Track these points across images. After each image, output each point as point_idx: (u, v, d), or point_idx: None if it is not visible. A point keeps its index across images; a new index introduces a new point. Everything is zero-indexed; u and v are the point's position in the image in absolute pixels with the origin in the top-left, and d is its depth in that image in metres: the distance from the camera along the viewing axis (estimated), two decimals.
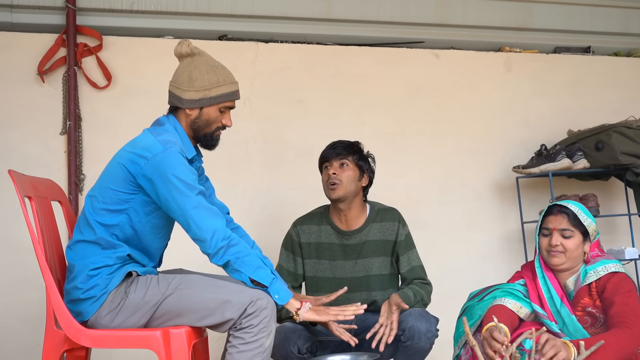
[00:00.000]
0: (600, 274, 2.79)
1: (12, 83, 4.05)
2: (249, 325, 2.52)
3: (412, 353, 3.13)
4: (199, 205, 2.53)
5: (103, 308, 2.56)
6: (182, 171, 2.54)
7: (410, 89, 4.72)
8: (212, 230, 2.51)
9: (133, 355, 4.00)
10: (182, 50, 2.74)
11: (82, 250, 2.60)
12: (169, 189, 2.52)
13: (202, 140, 2.79)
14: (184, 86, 2.70)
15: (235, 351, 2.53)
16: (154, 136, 2.62)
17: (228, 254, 2.51)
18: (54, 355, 2.61)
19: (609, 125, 4.54)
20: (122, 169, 2.59)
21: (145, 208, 2.62)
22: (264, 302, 2.54)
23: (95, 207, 2.61)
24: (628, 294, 2.72)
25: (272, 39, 4.54)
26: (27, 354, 3.82)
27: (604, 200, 4.90)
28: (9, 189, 2.76)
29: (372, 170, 3.45)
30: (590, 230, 2.86)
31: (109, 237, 2.60)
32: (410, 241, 3.43)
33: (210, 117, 2.73)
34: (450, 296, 3.71)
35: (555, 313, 2.85)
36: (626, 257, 4.46)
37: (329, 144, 3.44)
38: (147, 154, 2.56)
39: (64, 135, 4.06)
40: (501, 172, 4.81)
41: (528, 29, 5.02)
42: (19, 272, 3.90)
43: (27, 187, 2.67)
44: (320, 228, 3.43)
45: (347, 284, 3.31)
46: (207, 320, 2.56)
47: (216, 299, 2.54)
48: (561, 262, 2.85)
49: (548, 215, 2.91)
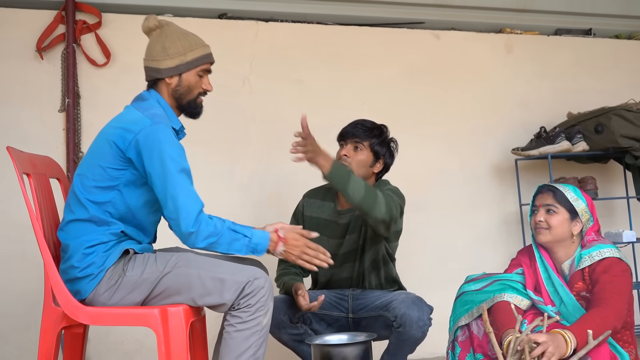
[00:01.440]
0: (595, 259, 2.79)
1: (10, 60, 4.03)
2: (246, 305, 2.53)
3: (404, 339, 3.15)
4: (179, 184, 2.52)
5: (101, 285, 2.55)
6: (169, 146, 2.54)
7: (411, 70, 4.71)
8: (186, 212, 2.50)
9: (131, 333, 4.02)
10: (150, 24, 2.75)
11: (76, 230, 2.59)
12: (154, 164, 2.52)
13: (187, 108, 2.78)
14: (159, 57, 2.70)
15: (233, 330, 2.54)
16: (141, 111, 2.62)
17: (199, 240, 2.51)
18: (52, 332, 2.62)
19: (609, 108, 4.53)
20: (110, 144, 2.58)
21: (136, 183, 2.60)
22: (261, 281, 2.55)
23: (86, 185, 2.60)
24: (616, 274, 2.73)
25: (272, 18, 4.52)
26: (25, 330, 3.83)
27: (603, 184, 4.91)
28: (7, 166, 2.76)
29: (391, 156, 3.38)
30: (579, 210, 2.86)
31: (102, 215, 2.59)
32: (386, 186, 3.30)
33: (190, 82, 2.74)
34: (448, 277, 3.72)
35: (552, 293, 2.85)
36: (624, 240, 4.47)
37: (353, 121, 3.38)
38: (135, 127, 2.55)
39: (63, 112, 4.05)
40: (500, 154, 4.80)
41: (529, 11, 5.00)
42: (17, 250, 3.90)
43: (25, 164, 2.66)
44: (324, 204, 3.42)
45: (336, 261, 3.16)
46: (206, 300, 2.56)
47: (214, 277, 2.55)
48: (546, 239, 2.85)
49: (537, 194, 2.95)
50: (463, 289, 3.01)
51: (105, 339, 4.01)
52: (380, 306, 3.22)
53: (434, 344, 3.37)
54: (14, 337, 3.90)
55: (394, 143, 3.40)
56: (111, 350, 4.05)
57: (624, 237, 4.47)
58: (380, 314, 3.20)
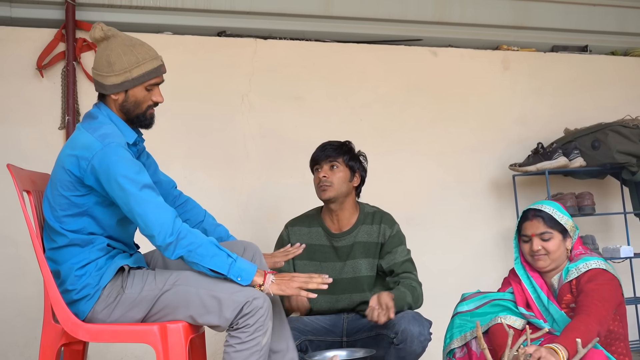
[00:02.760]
0: (581, 271, 2.81)
1: (11, 78, 4.04)
2: (245, 325, 2.50)
3: (404, 355, 3.13)
4: (144, 201, 2.46)
5: (99, 304, 2.54)
6: (124, 166, 2.47)
7: (408, 87, 4.72)
8: (159, 225, 2.45)
9: (130, 349, 4.01)
10: (95, 35, 2.61)
11: (62, 255, 2.56)
12: (113, 187, 2.46)
13: (136, 122, 2.67)
14: (104, 72, 2.58)
15: (232, 350, 2.51)
16: (90, 133, 2.54)
17: (179, 247, 2.46)
18: (52, 349, 2.61)
19: (606, 124, 4.54)
20: (66, 172, 2.53)
21: (103, 204, 2.57)
22: (260, 301, 2.51)
23: (57, 215, 2.56)
24: (601, 283, 2.73)
25: (271, 35, 4.54)
26: (25, 347, 3.82)
27: (600, 199, 4.91)
28: (7, 183, 2.76)
29: (364, 169, 3.44)
30: (568, 227, 2.87)
31: (82, 236, 2.56)
32: (399, 239, 3.40)
33: (137, 97, 2.62)
34: (445, 292, 3.71)
35: (544, 312, 2.87)
36: (621, 256, 4.47)
37: (319, 145, 3.42)
38: (87, 154, 2.49)
39: (63, 130, 4.06)
40: (498, 169, 4.81)
41: (526, 28, 5.02)
42: (17, 266, 3.90)
43: (25, 181, 2.67)
44: (311, 230, 3.42)
45: (337, 285, 3.29)
46: (205, 318, 2.54)
47: (213, 296, 2.52)
48: (546, 264, 2.87)
49: (524, 222, 2.93)
50: (457, 309, 3.01)
51: (104, 355, 3.99)
52: (377, 325, 3.21)
53: (430, 357, 3.36)
54: (14, 354, 3.89)
55: (363, 156, 3.46)
56: None
57: (622, 253, 4.47)
58: (378, 333, 3.19)
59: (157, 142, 3.29)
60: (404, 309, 3.17)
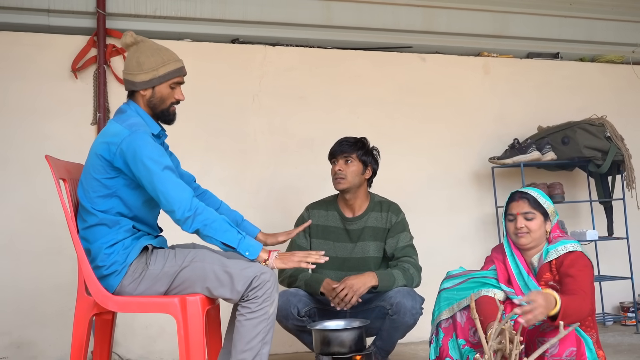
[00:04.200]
0: (560, 253, 2.81)
1: (49, 79, 4.04)
2: (254, 297, 2.53)
3: (397, 326, 3.16)
4: (165, 179, 2.49)
5: (126, 278, 2.55)
6: (149, 150, 2.51)
7: (400, 89, 4.71)
8: (179, 201, 2.48)
9: (154, 319, 4.02)
10: (127, 41, 2.69)
11: (92, 234, 2.58)
12: (139, 168, 2.50)
13: (161, 117, 2.73)
14: (134, 71, 2.65)
15: (244, 319, 2.54)
16: (119, 123, 2.59)
17: (196, 222, 2.49)
18: (85, 318, 2.63)
19: (574, 122, 4.54)
20: (98, 157, 2.56)
21: (130, 186, 2.59)
22: (267, 275, 2.54)
23: (89, 197, 2.59)
24: (581, 269, 2.74)
25: (279, 42, 4.53)
26: (61, 316, 3.83)
27: (569, 189, 4.91)
28: (46, 172, 2.76)
29: (376, 162, 3.46)
30: (550, 212, 2.88)
31: (111, 217, 2.58)
32: (402, 226, 3.42)
33: (162, 94, 2.68)
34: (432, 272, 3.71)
35: (523, 286, 2.87)
36: (587, 239, 4.47)
37: (337, 140, 3.44)
38: (116, 139, 2.53)
39: (94, 125, 4.06)
40: (478, 162, 4.81)
41: (504, 37, 5.01)
42: (54, 246, 3.91)
43: (61, 170, 2.67)
44: (328, 213, 3.45)
45: (347, 263, 3.36)
46: (219, 291, 2.56)
47: (226, 271, 2.54)
48: (527, 241, 2.87)
49: (511, 202, 2.92)
50: (443, 285, 3.01)
51: (131, 324, 4.01)
52: (375, 298, 3.23)
53: (420, 329, 3.37)
54: (51, 323, 3.90)
55: (375, 151, 3.48)
56: (136, 335, 4.05)
57: (588, 236, 4.48)
58: (376, 305, 3.21)
59: (177, 138, 3.30)
60: (392, 287, 3.19)
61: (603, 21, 5.23)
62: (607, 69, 5.26)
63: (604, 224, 4.82)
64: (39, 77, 4.02)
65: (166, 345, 4.04)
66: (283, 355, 4.09)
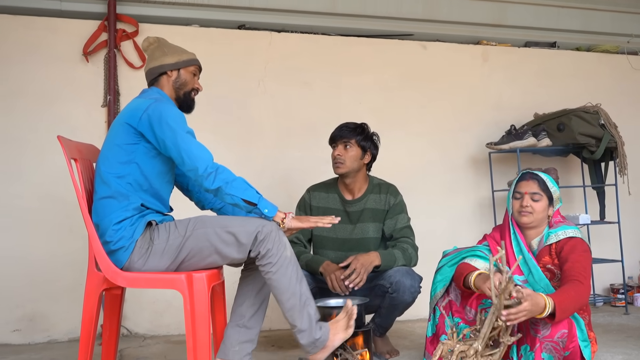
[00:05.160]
0: (560, 237, 2.81)
1: (61, 62, 4.03)
2: (266, 250, 2.54)
3: (396, 304, 3.17)
4: (189, 140, 2.53)
5: (134, 254, 2.55)
6: (174, 113, 2.58)
7: (401, 75, 4.69)
8: (202, 159, 2.50)
9: (161, 294, 4.04)
10: (149, 40, 2.83)
11: (102, 208, 2.58)
12: (164, 129, 2.52)
13: (183, 100, 2.80)
14: (160, 57, 2.77)
15: (271, 274, 2.55)
16: (144, 98, 2.67)
17: (218, 179, 2.49)
18: (95, 293, 2.63)
19: (570, 109, 4.52)
20: (122, 125, 2.60)
21: (149, 154, 2.60)
22: (268, 227, 2.56)
23: (109, 162, 2.61)
24: (581, 254, 2.73)
25: (284, 29, 4.50)
26: (72, 291, 3.85)
27: (563, 174, 4.90)
28: (58, 153, 2.76)
29: (375, 147, 3.45)
30: (555, 197, 2.88)
31: (123, 189, 2.57)
32: (400, 208, 3.42)
33: (186, 78, 2.79)
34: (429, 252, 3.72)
35: (522, 264, 2.86)
36: (580, 222, 4.47)
37: (338, 125, 3.43)
38: (142, 106, 2.59)
39: (105, 107, 4.05)
40: (476, 147, 4.79)
41: (503, 26, 4.97)
42: (65, 224, 3.92)
43: (73, 150, 2.66)
44: (329, 195, 3.44)
45: (347, 243, 3.36)
46: (226, 250, 2.55)
47: (228, 232, 2.55)
48: (529, 221, 2.86)
49: (521, 181, 2.91)
50: (439, 265, 3.02)
51: (139, 299, 4.02)
52: (375, 276, 3.23)
53: (417, 307, 3.38)
54: (63, 297, 3.92)
55: (375, 136, 3.47)
56: (144, 309, 4.07)
57: (580, 220, 4.47)
58: (376, 284, 3.21)
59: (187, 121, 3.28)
60: (393, 266, 3.19)
61: (599, 12, 5.19)
62: (602, 58, 5.23)
63: (596, 209, 4.81)
64: (51, 60, 4.01)
65: (173, 320, 4.06)
66: (285, 331, 4.10)
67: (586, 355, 2.69)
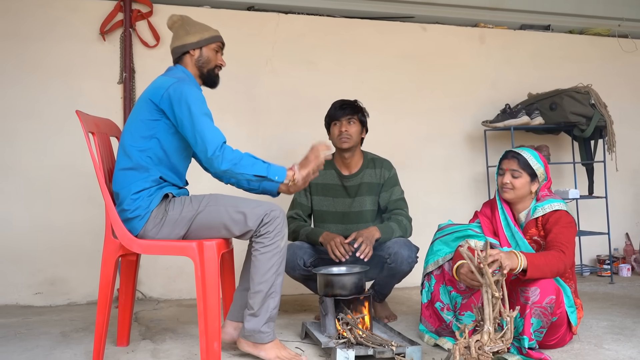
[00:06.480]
0: (546, 210, 2.81)
1: (79, 41, 4.01)
2: (266, 232, 2.57)
3: (394, 273, 3.19)
4: (204, 122, 2.52)
5: (149, 223, 2.57)
6: (194, 95, 2.56)
7: (402, 56, 4.66)
8: (212, 142, 2.49)
9: (173, 261, 4.06)
10: (173, 19, 2.81)
11: (123, 179, 2.59)
12: (182, 109, 2.53)
13: (207, 77, 2.79)
14: (183, 36, 2.75)
15: (258, 253, 2.58)
16: (168, 77, 2.66)
17: (225, 161, 2.49)
18: (111, 259, 2.65)
19: (562, 90, 4.48)
20: (146, 102, 2.60)
21: (169, 130, 2.61)
22: (276, 212, 2.59)
23: (133, 136, 2.61)
24: (565, 226, 2.74)
25: (291, 10, 4.47)
26: (90, 257, 3.87)
27: (554, 151, 4.88)
28: (76, 126, 2.76)
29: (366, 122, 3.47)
30: (539, 173, 2.86)
31: (143, 161, 2.58)
32: (394, 180, 3.43)
33: (209, 55, 2.76)
34: (426, 224, 3.73)
35: (510, 237, 2.87)
36: (570, 197, 4.46)
37: (336, 105, 3.42)
38: (165, 84, 2.59)
39: (121, 84, 4.04)
40: (472, 125, 4.78)
41: (499, 9, 4.92)
42: (83, 193, 3.93)
43: (90, 124, 2.66)
44: (326, 172, 3.44)
45: (346, 216, 3.37)
46: (234, 228, 2.58)
47: (239, 211, 2.57)
48: (511, 197, 2.87)
49: (504, 159, 2.92)
50: (435, 236, 3.02)
51: (153, 265, 4.05)
52: (375, 248, 3.23)
53: (413, 276, 3.39)
54: (82, 264, 3.95)
55: (366, 112, 3.47)
56: (157, 275, 4.10)
57: (570, 194, 4.47)
58: (375, 254, 3.22)
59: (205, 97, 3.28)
60: (391, 238, 3.20)
61: None
62: (594, 41, 5.18)
63: (585, 184, 4.81)
64: (70, 38, 3.99)
65: (184, 285, 4.09)
66: (290, 296, 4.13)
67: (572, 320, 2.71)
